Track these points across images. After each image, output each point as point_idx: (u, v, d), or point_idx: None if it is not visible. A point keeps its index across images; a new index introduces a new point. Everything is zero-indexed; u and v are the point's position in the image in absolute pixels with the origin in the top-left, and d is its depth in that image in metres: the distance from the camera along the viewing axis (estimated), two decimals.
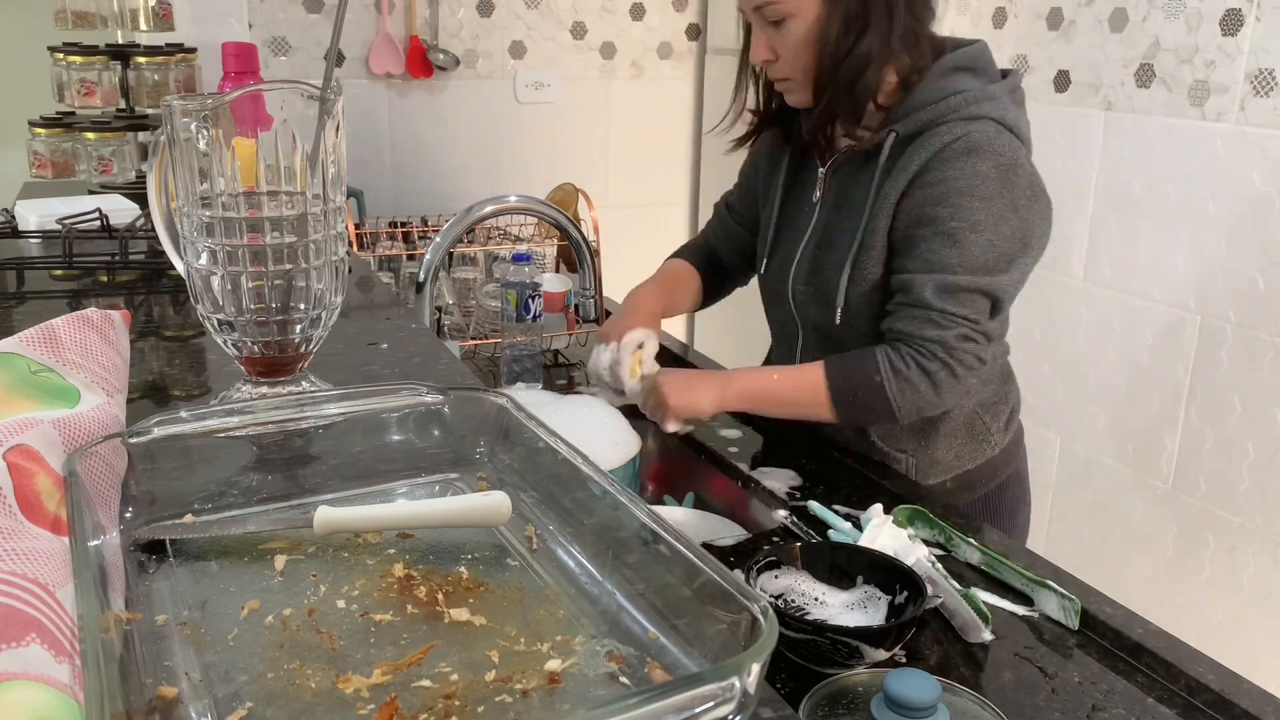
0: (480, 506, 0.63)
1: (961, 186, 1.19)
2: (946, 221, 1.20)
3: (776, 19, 1.24)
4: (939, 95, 1.23)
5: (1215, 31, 1.94)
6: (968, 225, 1.20)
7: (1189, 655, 0.95)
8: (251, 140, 0.73)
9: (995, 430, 1.40)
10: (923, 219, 1.22)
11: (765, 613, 0.47)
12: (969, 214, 1.19)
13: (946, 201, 1.20)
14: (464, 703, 0.48)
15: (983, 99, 1.22)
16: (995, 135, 1.21)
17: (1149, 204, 2.09)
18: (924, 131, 1.24)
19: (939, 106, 1.23)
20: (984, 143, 1.20)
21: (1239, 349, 1.96)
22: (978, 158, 1.20)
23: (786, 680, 0.92)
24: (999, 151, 1.20)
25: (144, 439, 0.64)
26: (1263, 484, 1.94)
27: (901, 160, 1.25)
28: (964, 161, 1.20)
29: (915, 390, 1.22)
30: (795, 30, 1.23)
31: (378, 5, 2.63)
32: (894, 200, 1.24)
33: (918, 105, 1.24)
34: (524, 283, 1.63)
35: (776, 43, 1.26)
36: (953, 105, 1.22)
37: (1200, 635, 1.05)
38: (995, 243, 1.20)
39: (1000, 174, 1.20)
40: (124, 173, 2.00)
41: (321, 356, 0.84)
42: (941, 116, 1.22)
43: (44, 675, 0.43)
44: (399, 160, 2.76)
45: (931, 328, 1.21)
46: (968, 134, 1.20)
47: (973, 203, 1.19)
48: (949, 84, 1.24)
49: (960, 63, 1.25)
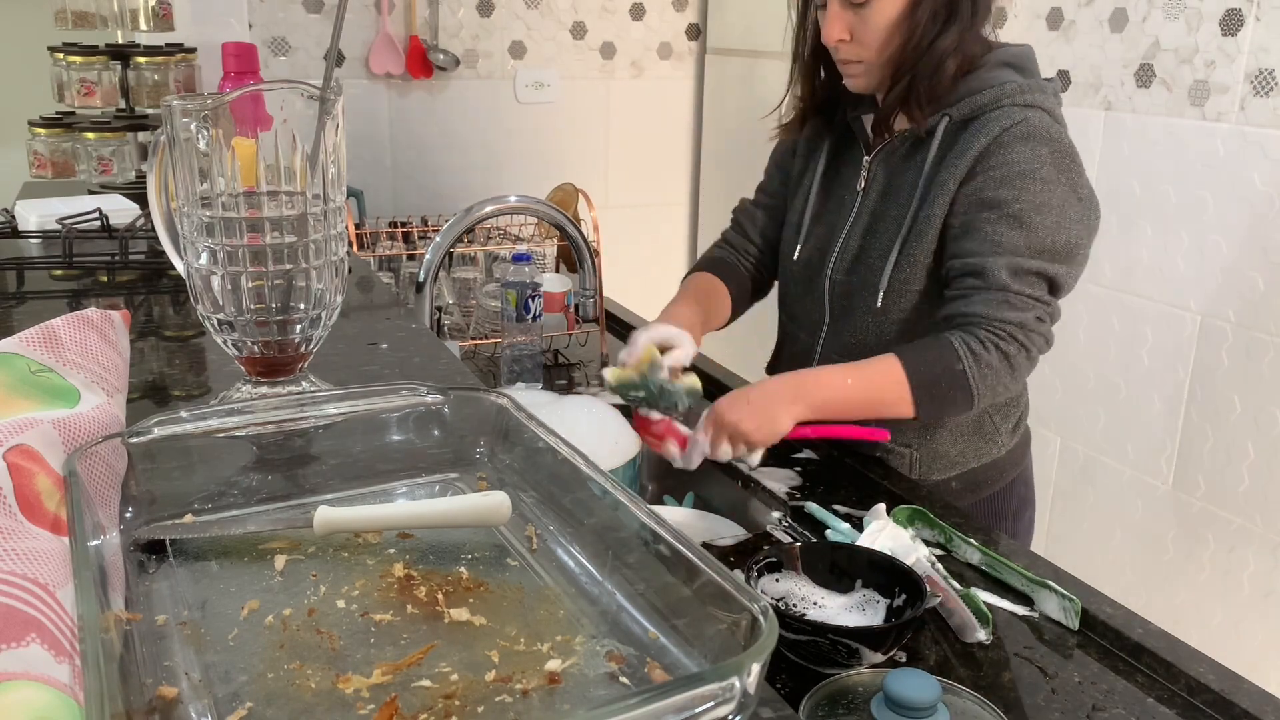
0: (480, 506, 0.63)
1: (1024, 170, 1.20)
2: (1011, 204, 1.20)
3: (864, 1, 1.23)
4: (991, 83, 1.25)
5: (1215, 31, 1.94)
6: (1032, 207, 1.20)
7: (1189, 655, 0.95)
8: (251, 140, 0.73)
9: (1004, 431, 1.39)
10: (986, 202, 1.21)
11: (765, 613, 0.47)
12: (1033, 196, 1.20)
13: (1009, 184, 1.20)
14: (464, 703, 0.48)
15: (1035, 89, 1.25)
16: (1050, 124, 1.23)
17: (1149, 204, 2.08)
18: (978, 116, 1.25)
19: (993, 92, 1.24)
20: (1041, 129, 1.22)
21: (1239, 349, 1.96)
22: (1037, 142, 1.21)
23: (786, 680, 0.92)
24: (1055, 138, 1.22)
25: (144, 439, 0.64)
26: (1263, 484, 1.94)
27: (958, 145, 1.25)
28: (1024, 145, 1.21)
29: (995, 374, 1.20)
30: (881, 13, 1.23)
31: (378, 5, 2.63)
32: (953, 186, 1.24)
33: (969, 91, 1.25)
34: (524, 283, 1.63)
35: (855, 25, 1.25)
36: (1007, 91, 1.24)
37: (1200, 635, 1.05)
38: (1062, 224, 1.21)
39: (1057, 160, 1.22)
40: (124, 173, 2.00)
41: (321, 356, 0.84)
42: (996, 102, 1.24)
43: (44, 675, 0.43)
44: (399, 160, 2.76)
45: (1010, 310, 1.19)
46: (1025, 119, 1.21)
47: (1035, 185, 1.20)
48: (998, 75, 1.25)
49: (1009, 59, 1.27)
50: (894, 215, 1.31)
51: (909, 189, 1.29)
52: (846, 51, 1.28)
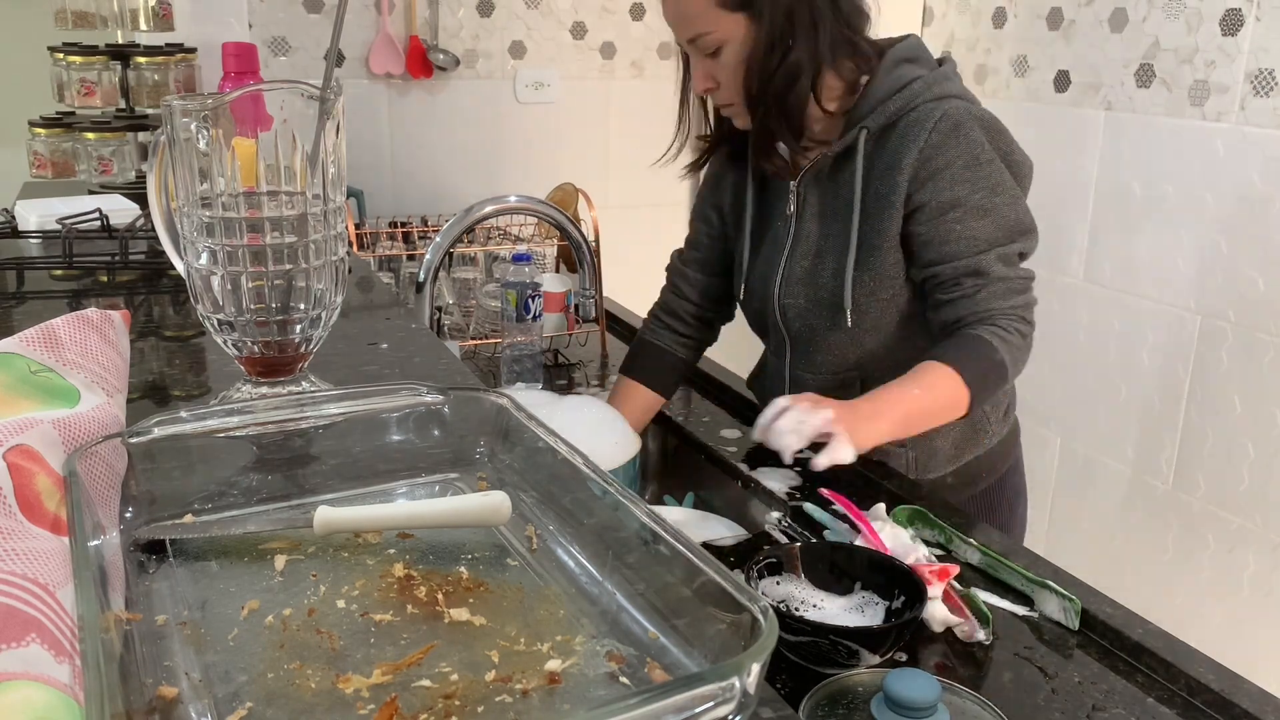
0: (480, 506, 0.63)
1: (967, 160, 1.23)
2: (970, 197, 1.23)
3: (711, 49, 1.26)
4: (896, 85, 1.26)
5: (1215, 31, 1.94)
6: (988, 192, 1.24)
7: (1189, 655, 0.95)
8: (251, 140, 0.73)
9: (994, 420, 1.41)
10: (946, 204, 1.24)
11: (765, 613, 0.47)
12: (984, 181, 1.23)
13: (962, 180, 1.23)
14: (464, 703, 0.48)
15: (940, 80, 1.27)
16: (968, 106, 1.26)
17: (1149, 204, 2.09)
18: (895, 122, 1.26)
19: (902, 95, 1.25)
20: (962, 115, 1.24)
21: (1239, 349, 1.96)
22: (967, 129, 1.23)
23: (786, 680, 0.92)
24: (979, 117, 1.25)
25: (144, 439, 0.64)
26: (1263, 484, 1.94)
27: (886, 155, 1.26)
28: (956, 137, 1.23)
29: (1021, 353, 1.27)
30: (729, 56, 1.25)
31: (378, 5, 2.63)
32: (897, 197, 1.25)
33: (879, 99, 1.26)
34: (524, 283, 1.63)
35: (715, 70, 1.28)
36: (916, 91, 1.25)
37: (1200, 635, 1.05)
38: (1018, 198, 1.26)
39: (990, 137, 1.25)
40: (124, 173, 2.00)
41: (321, 356, 0.84)
42: (908, 104, 1.25)
43: (44, 675, 0.43)
44: (399, 160, 2.76)
45: (1016, 295, 1.26)
46: (945, 112, 1.23)
47: (983, 170, 1.23)
48: (899, 75, 1.26)
49: (903, 55, 1.28)
50: (836, 234, 1.32)
51: (844, 207, 1.30)
52: (717, 98, 1.32)
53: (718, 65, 1.27)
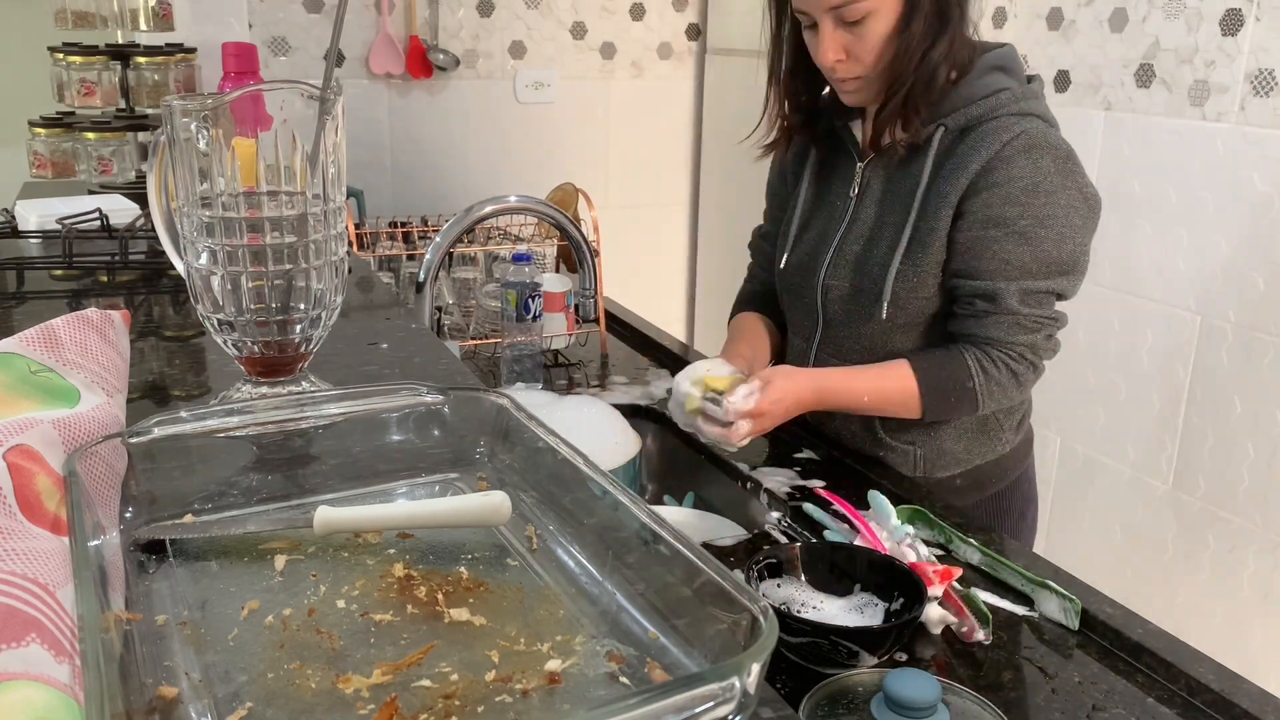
0: (480, 506, 0.63)
1: (1027, 184, 1.21)
2: (1016, 221, 1.22)
3: (857, 18, 1.22)
4: (985, 91, 1.25)
5: (1215, 31, 1.94)
6: (1037, 222, 1.22)
7: (1189, 655, 0.95)
8: (251, 140, 0.73)
9: (1007, 429, 1.40)
10: (992, 220, 1.23)
11: (765, 613, 0.47)
12: (1037, 210, 1.22)
13: (1013, 201, 1.21)
14: (464, 703, 0.48)
15: (1029, 96, 1.25)
16: (1047, 130, 1.24)
17: (1149, 204, 2.09)
18: (974, 127, 1.25)
19: (988, 102, 1.24)
20: (1040, 138, 1.22)
21: (1239, 349, 1.96)
22: (1039, 153, 1.22)
23: (786, 680, 0.92)
24: (1055, 145, 1.23)
25: (144, 439, 0.64)
26: (1263, 484, 1.94)
27: (956, 157, 1.25)
28: (1025, 159, 1.21)
29: (1002, 390, 1.26)
30: (875, 29, 1.23)
31: (378, 5, 2.63)
32: (955, 199, 1.24)
33: (964, 101, 1.25)
34: (524, 283, 1.63)
35: (850, 43, 1.24)
36: (1002, 101, 1.24)
37: (1200, 635, 1.05)
38: (1066, 235, 1.23)
39: (1061, 166, 1.23)
40: (124, 173, 2.00)
41: (321, 356, 0.84)
42: (991, 112, 1.24)
43: (44, 675, 0.43)
44: (399, 160, 2.76)
45: (1022, 333, 1.25)
46: (1024, 131, 1.22)
47: (1039, 198, 1.22)
48: (990, 81, 1.26)
49: (997, 62, 1.27)
50: (892, 224, 1.31)
51: (906, 198, 1.29)
52: (843, 70, 1.28)
53: (855, 37, 1.24)
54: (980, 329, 1.25)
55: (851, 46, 1.25)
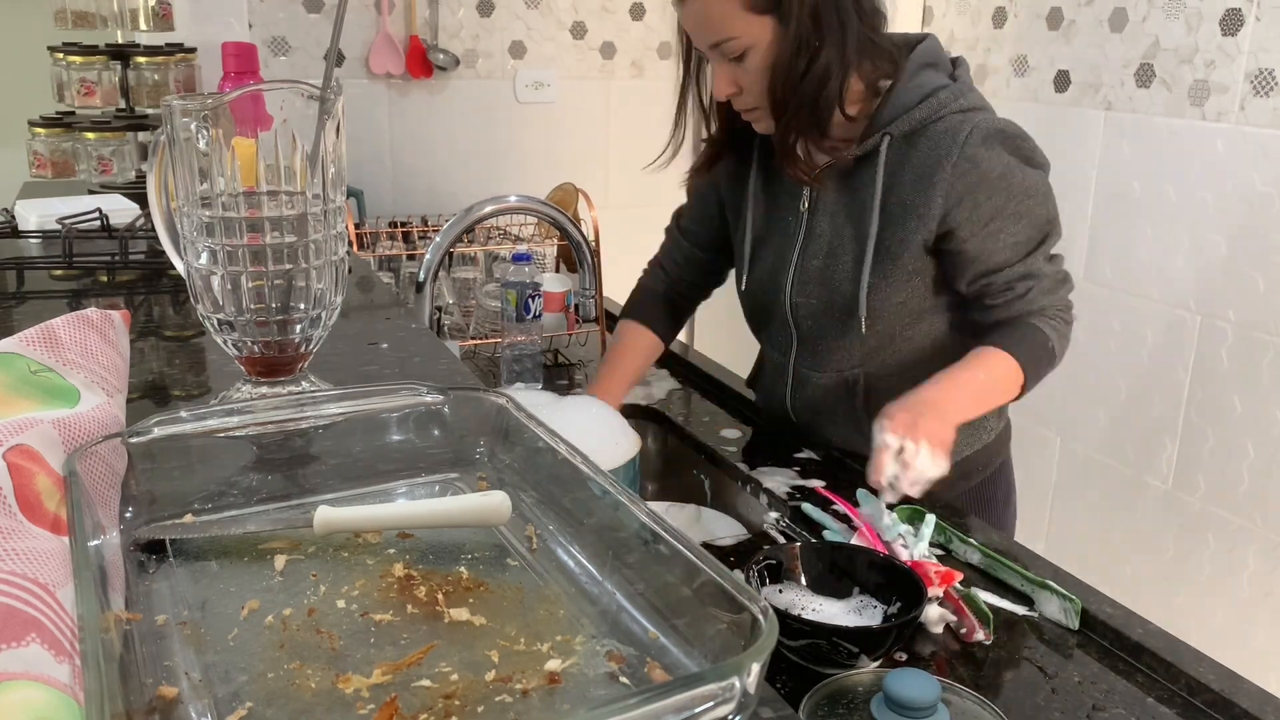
0: (480, 506, 0.63)
1: (1001, 171, 1.24)
2: (1007, 206, 1.25)
3: (736, 54, 1.24)
4: (919, 94, 1.25)
5: (1215, 31, 1.94)
6: (1020, 196, 1.26)
7: (1189, 655, 0.95)
8: (251, 140, 0.73)
9: (990, 417, 1.42)
10: (988, 215, 1.25)
11: (765, 613, 0.47)
12: (1018, 187, 1.25)
13: (998, 190, 1.24)
14: (464, 703, 0.48)
15: (964, 91, 1.27)
16: (990, 118, 1.27)
17: (1149, 204, 2.09)
18: (920, 130, 1.25)
19: (929, 104, 1.25)
20: (991, 128, 1.24)
21: (1239, 349, 1.96)
22: (996, 140, 1.24)
23: (786, 680, 0.92)
24: (1001, 128, 1.26)
25: (144, 439, 0.64)
26: (1263, 484, 1.94)
27: (913, 164, 1.25)
28: (988, 150, 1.23)
29: (1066, 341, 1.34)
30: (754, 60, 1.24)
31: (378, 5, 2.63)
32: (931, 209, 1.24)
33: (903, 106, 1.25)
34: (524, 283, 1.63)
35: (738, 76, 1.26)
36: (941, 100, 1.25)
37: (1200, 635, 1.05)
38: (1049, 195, 1.30)
39: (1012, 146, 1.26)
40: (124, 173, 2.00)
41: (321, 356, 0.84)
42: (934, 114, 1.24)
43: (44, 675, 0.43)
44: (399, 160, 2.76)
45: (1063, 288, 1.32)
46: (974, 126, 1.23)
47: (1016, 177, 1.25)
48: (923, 81, 1.26)
49: (924, 59, 1.28)
50: (852, 236, 1.31)
51: (863, 210, 1.30)
52: (739, 102, 1.30)
53: (742, 70, 1.25)
54: (1032, 302, 1.29)
55: (740, 79, 1.26)
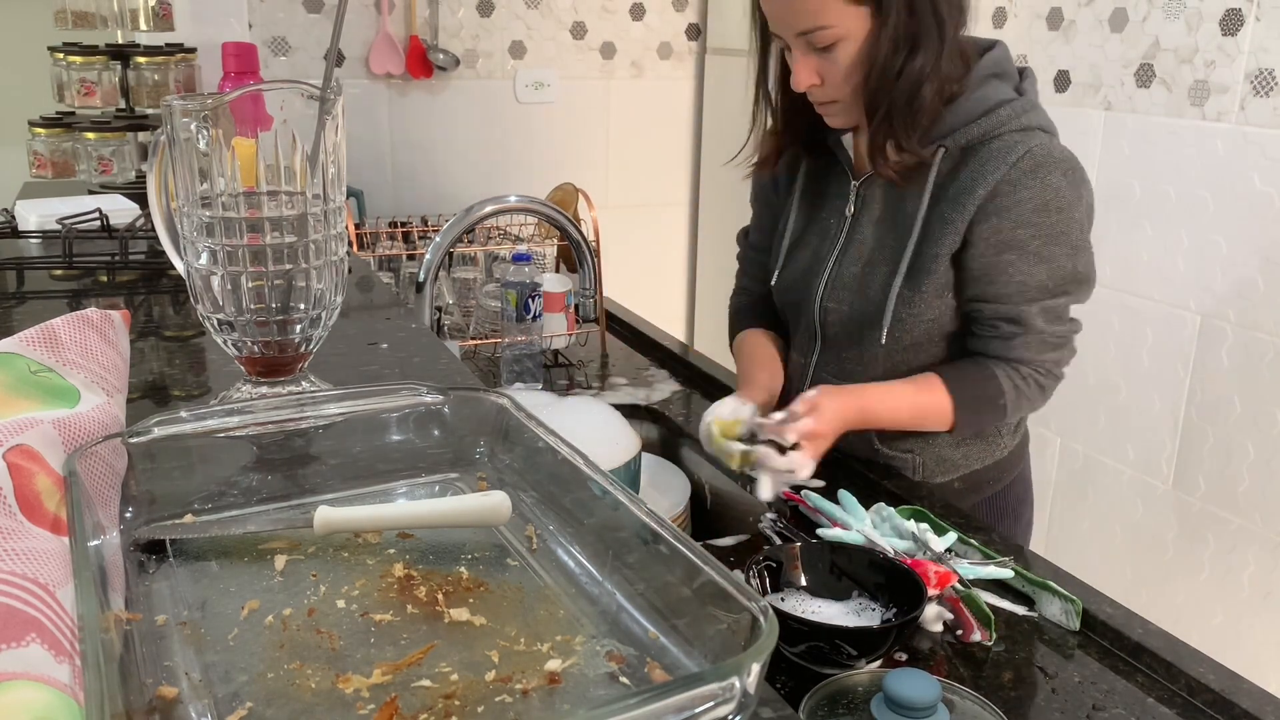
0: (480, 506, 0.63)
1: (1038, 204, 1.20)
2: (1030, 242, 1.21)
3: (825, 44, 1.20)
4: (982, 107, 1.22)
5: (1215, 31, 1.94)
6: (1049, 239, 1.21)
7: (1189, 655, 0.95)
8: (251, 140, 0.73)
9: (1005, 434, 1.39)
10: (1006, 244, 1.21)
11: (765, 612, 0.47)
12: (1050, 228, 1.21)
13: (1027, 223, 1.20)
14: (464, 703, 0.48)
15: (1028, 109, 1.23)
16: (1051, 144, 1.23)
17: (1149, 204, 2.09)
18: (976, 147, 1.22)
19: (989, 120, 1.22)
20: (1045, 156, 1.20)
21: (1239, 349, 1.96)
22: (1046, 171, 1.20)
23: (786, 680, 0.92)
24: (1062, 159, 1.22)
25: (144, 439, 0.64)
26: (1263, 484, 1.94)
27: (960, 180, 1.22)
28: (1034, 179, 1.20)
29: (1030, 403, 1.29)
30: (845, 53, 1.20)
31: (378, 5, 2.63)
32: (961, 224, 1.22)
33: (963, 119, 1.23)
34: (524, 283, 1.63)
35: (823, 67, 1.22)
36: (1002, 118, 1.22)
37: (1200, 635, 1.05)
38: (1079, 248, 1.24)
39: (1069, 181, 1.22)
40: (124, 173, 2.00)
41: (321, 356, 0.84)
42: (994, 131, 1.22)
43: (44, 675, 0.43)
44: (399, 160, 2.76)
45: (1049, 350, 1.26)
46: (1029, 150, 1.20)
47: (1051, 216, 1.21)
48: (988, 94, 1.23)
49: (991, 69, 1.25)
50: (892, 247, 1.29)
51: (906, 221, 1.27)
52: (819, 94, 1.26)
53: (828, 62, 1.21)
54: (1008, 350, 1.26)
55: (824, 71, 1.22)
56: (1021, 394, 1.27)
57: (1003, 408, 1.27)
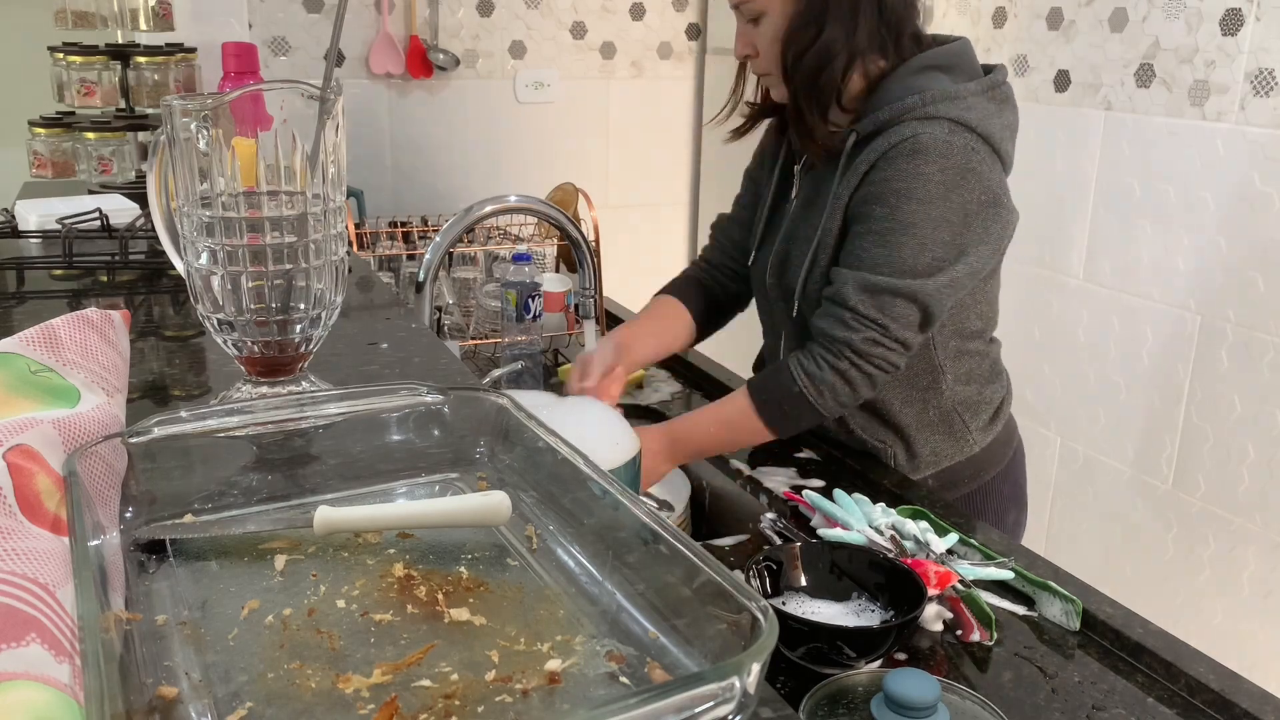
0: (480, 506, 0.63)
1: (900, 187, 1.19)
2: (880, 220, 1.21)
3: (752, 16, 1.27)
4: (901, 95, 1.23)
5: (1215, 31, 1.94)
6: (899, 226, 1.20)
7: (1189, 655, 0.95)
8: (251, 140, 0.73)
9: (974, 429, 1.39)
10: (859, 216, 1.24)
11: (765, 612, 0.47)
12: (903, 215, 1.19)
13: (883, 201, 1.21)
14: (464, 703, 0.48)
15: (944, 99, 1.21)
16: (947, 136, 1.19)
17: (1149, 204, 2.08)
18: (881, 131, 1.24)
19: (898, 106, 1.22)
20: (932, 144, 1.19)
21: (1239, 349, 1.96)
22: (922, 159, 1.19)
23: (786, 680, 0.92)
24: (946, 154, 1.19)
25: (144, 439, 0.64)
26: (1263, 484, 1.94)
27: (856, 161, 1.26)
28: (907, 162, 1.19)
29: (832, 390, 1.24)
30: (768, 26, 1.26)
31: (378, 5, 2.63)
32: (845, 201, 1.26)
33: (879, 105, 1.24)
34: (524, 283, 1.63)
35: (755, 38, 1.29)
36: (909, 105, 1.22)
37: (1200, 635, 1.05)
38: (927, 245, 1.20)
39: (945, 177, 1.19)
40: (124, 173, 2.00)
41: (321, 356, 0.84)
42: (898, 116, 1.22)
43: (44, 675, 0.43)
44: (399, 160, 2.76)
45: (842, 329, 1.23)
46: (916, 135, 1.19)
47: (909, 204, 1.19)
48: (915, 83, 1.23)
49: (934, 61, 1.24)
50: (808, 226, 1.34)
51: (820, 202, 1.32)
52: (755, 66, 1.32)
53: (757, 33, 1.28)
54: (817, 321, 1.27)
55: (756, 42, 1.29)
56: (815, 379, 1.23)
57: (800, 396, 1.24)
